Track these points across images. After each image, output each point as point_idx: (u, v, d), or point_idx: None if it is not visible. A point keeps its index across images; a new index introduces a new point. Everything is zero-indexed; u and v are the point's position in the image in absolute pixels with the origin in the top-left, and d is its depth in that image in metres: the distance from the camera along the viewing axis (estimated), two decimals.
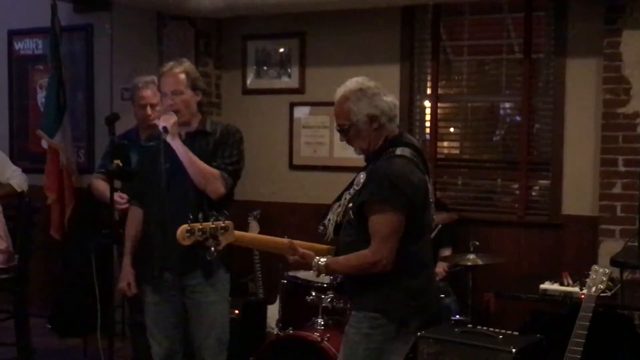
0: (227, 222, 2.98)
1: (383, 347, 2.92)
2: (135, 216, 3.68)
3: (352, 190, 3.00)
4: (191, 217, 2.94)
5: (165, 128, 3.43)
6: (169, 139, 3.45)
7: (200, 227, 2.92)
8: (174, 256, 3.47)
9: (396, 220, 2.85)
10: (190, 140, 3.55)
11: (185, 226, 2.91)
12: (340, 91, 3.00)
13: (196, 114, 3.60)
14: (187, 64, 3.59)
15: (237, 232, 3.02)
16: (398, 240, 2.86)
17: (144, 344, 3.80)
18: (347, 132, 2.99)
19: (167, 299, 3.59)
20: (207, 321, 3.59)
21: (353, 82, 3.00)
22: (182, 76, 3.52)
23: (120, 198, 4.10)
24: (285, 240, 3.03)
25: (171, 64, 3.58)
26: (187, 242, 2.91)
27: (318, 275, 3.07)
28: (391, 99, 3.01)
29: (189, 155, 3.46)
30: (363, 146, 3.00)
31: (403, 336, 2.97)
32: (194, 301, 3.57)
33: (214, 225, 2.94)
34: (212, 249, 2.96)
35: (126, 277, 3.67)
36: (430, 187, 3.04)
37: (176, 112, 3.49)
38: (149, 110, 4.27)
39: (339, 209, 3.04)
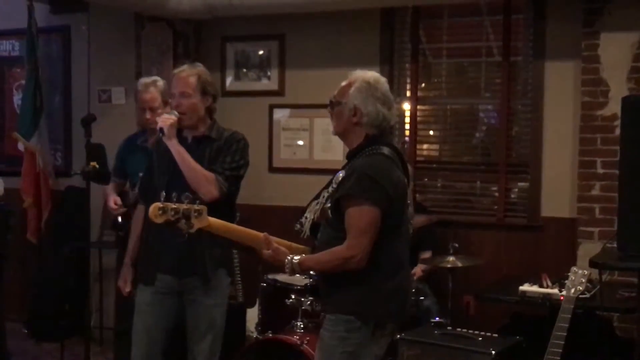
0: (201, 205, 2.94)
1: (359, 350, 2.89)
2: (140, 215, 3.65)
3: (330, 189, 2.98)
4: (164, 194, 2.89)
5: (161, 129, 3.42)
6: (165, 139, 3.44)
7: (174, 206, 2.87)
8: (170, 258, 3.43)
9: (373, 214, 2.80)
10: (195, 144, 3.53)
11: (157, 204, 2.88)
12: (356, 73, 3.00)
13: (204, 119, 3.58)
14: (200, 68, 3.57)
15: (210, 218, 2.96)
16: (374, 236, 2.81)
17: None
18: (333, 108, 3.01)
19: (160, 301, 3.53)
20: (204, 323, 3.54)
21: (370, 74, 3.00)
22: (192, 79, 3.50)
23: (115, 204, 4.00)
24: (261, 233, 2.98)
25: (184, 66, 3.57)
26: (158, 220, 2.87)
27: (291, 274, 3.02)
28: (386, 111, 2.96)
29: (183, 156, 3.43)
30: (338, 130, 3.02)
31: (379, 338, 2.94)
32: (193, 302, 3.52)
33: (187, 207, 2.89)
34: (184, 231, 2.91)
35: (123, 275, 3.66)
36: (408, 190, 3.03)
37: (182, 114, 3.48)
38: (148, 114, 4.11)
39: (317, 207, 3.02)
